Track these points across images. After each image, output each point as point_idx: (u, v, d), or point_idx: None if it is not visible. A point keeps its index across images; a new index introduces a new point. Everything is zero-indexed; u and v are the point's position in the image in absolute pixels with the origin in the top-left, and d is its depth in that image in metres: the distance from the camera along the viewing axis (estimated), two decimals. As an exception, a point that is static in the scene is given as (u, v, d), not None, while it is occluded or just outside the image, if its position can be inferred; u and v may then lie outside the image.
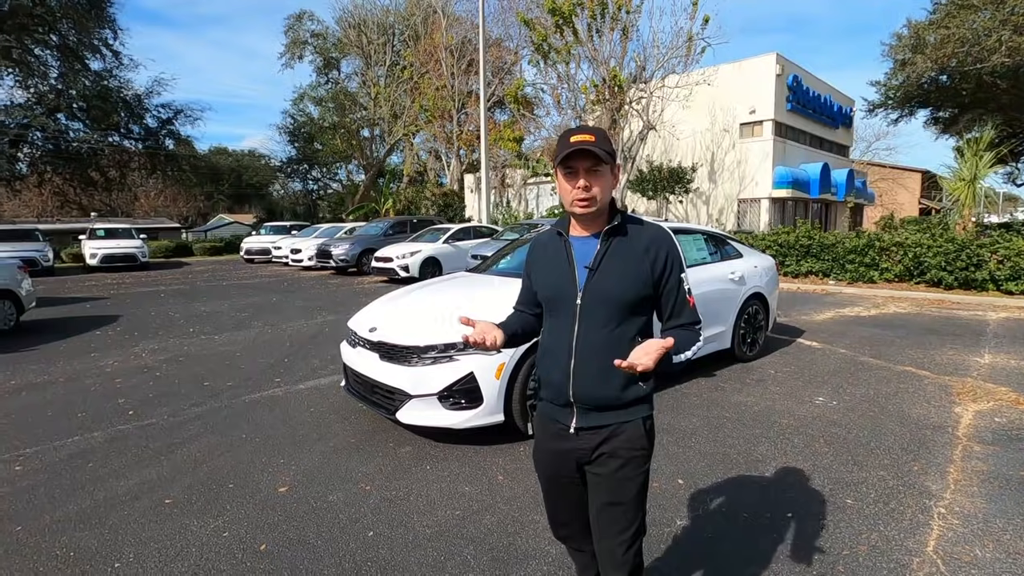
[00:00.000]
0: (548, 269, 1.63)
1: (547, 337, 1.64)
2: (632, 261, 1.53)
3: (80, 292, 12.80)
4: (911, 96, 26.58)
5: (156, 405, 4.61)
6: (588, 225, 1.59)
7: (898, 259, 10.95)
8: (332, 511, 2.87)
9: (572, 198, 1.52)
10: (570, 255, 1.57)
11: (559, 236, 1.63)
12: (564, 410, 1.57)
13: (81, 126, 26.42)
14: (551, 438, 1.62)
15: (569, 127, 19.70)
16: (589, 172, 1.49)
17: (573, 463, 1.60)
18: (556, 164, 1.52)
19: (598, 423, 1.54)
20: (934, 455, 3.46)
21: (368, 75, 30.80)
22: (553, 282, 1.59)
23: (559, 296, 1.57)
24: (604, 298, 1.51)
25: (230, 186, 47.96)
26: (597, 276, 1.52)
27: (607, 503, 1.55)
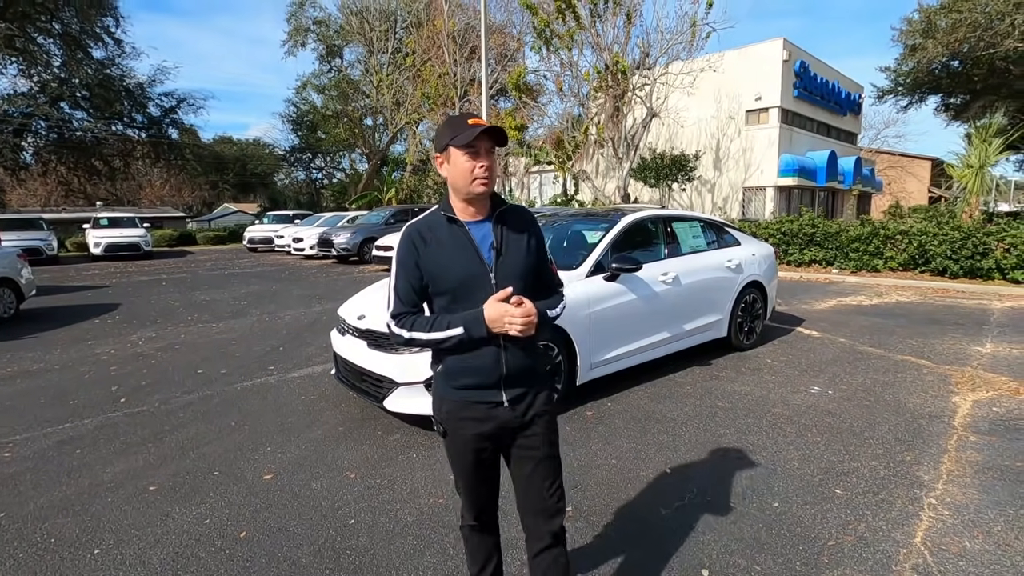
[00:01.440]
0: (447, 256, 1.62)
1: None
2: (524, 239, 1.68)
3: (82, 281, 12.86)
4: (921, 82, 26.16)
5: (148, 393, 4.61)
6: (479, 208, 1.65)
7: (902, 248, 10.80)
8: (315, 499, 2.85)
9: (474, 177, 1.57)
10: (471, 239, 1.62)
11: (450, 222, 1.64)
12: (492, 389, 1.64)
13: (84, 115, 26.41)
14: (476, 423, 1.66)
15: (572, 114, 19.30)
16: (488, 153, 1.58)
17: (498, 438, 1.69)
18: (457, 145, 1.55)
19: (524, 389, 1.68)
20: (928, 445, 3.40)
21: (371, 63, 30.55)
22: (462, 266, 1.61)
23: (471, 280, 1.60)
24: (515, 274, 1.62)
25: (235, 175, 47.94)
26: (504, 256, 1.63)
27: (543, 457, 1.71)
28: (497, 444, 1.71)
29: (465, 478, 1.76)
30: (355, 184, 34.23)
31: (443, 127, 1.61)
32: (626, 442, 3.49)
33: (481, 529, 1.85)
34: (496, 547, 1.89)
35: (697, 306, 5.00)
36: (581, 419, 3.88)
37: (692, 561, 2.31)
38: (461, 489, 1.80)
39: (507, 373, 1.63)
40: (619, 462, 3.23)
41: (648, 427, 3.73)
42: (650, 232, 4.95)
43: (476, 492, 1.78)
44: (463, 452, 1.71)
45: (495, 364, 1.61)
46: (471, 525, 1.84)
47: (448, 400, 1.69)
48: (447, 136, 1.57)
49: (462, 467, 1.74)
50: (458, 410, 1.68)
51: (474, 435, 1.67)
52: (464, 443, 1.69)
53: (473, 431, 1.67)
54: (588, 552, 2.38)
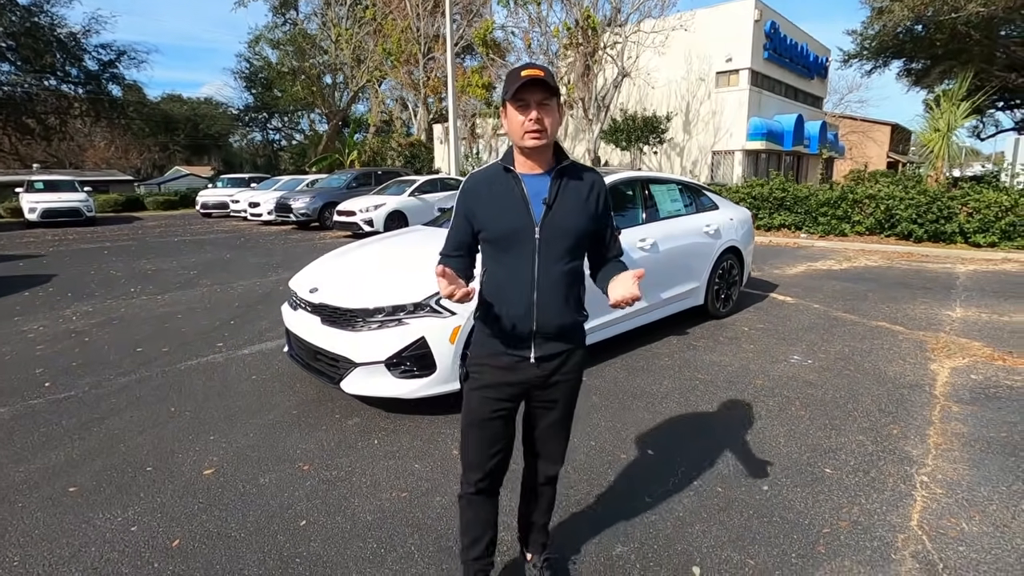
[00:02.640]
0: (498, 205, 1.61)
1: (499, 275, 1.64)
2: (582, 198, 1.63)
3: (15, 249, 11.88)
4: (886, 46, 26.28)
5: (78, 375, 4.16)
6: (538, 160, 1.61)
7: (870, 212, 10.86)
8: (262, 496, 2.54)
9: (525, 130, 1.53)
10: (523, 190, 1.59)
11: (506, 172, 1.63)
12: (522, 343, 1.63)
13: (11, 68, 24.18)
14: (500, 372, 1.65)
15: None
16: (541, 105, 1.51)
17: (519, 393, 1.69)
18: (508, 98, 1.53)
19: (555, 351, 1.65)
20: (912, 416, 3.30)
21: (328, 15, 28.81)
22: (508, 217, 1.59)
23: (515, 231, 1.58)
24: (563, 232, 1.58)
25: (186, 136, 45.34)
26: (555, 211, 1.58)
27: (559, 418, 1.76)
28: (516, 400, 1.71)
29: (475, 432, 1.71)
30: (315, 146, 32.79)
31: (505, 79, 1.58)
32: (604, 420, 3.28)
33: (481, 496, 1.77)
34: (492, 522, 1.83)
35: (675, 273, 4.79)
36: (556, 396, 3.64)
37: (682, 557, 2.11)
38: (468, 447, 1.74)
39: (537, 329, 1.61)
40: (597, 443, 3.01)
41: (626, 403, 3.53)
42: (627, 196, 4.66)
43: (483, 447, 1.71)
44: (480, 401, 1.68)
45: (526, 317, 1.60)
46: (471, 493, 1.77)
47: (478, 345, 1.71)
48: (504, 90, 1.55)
49: (474, 417, 1.70)
50: (485, 357, 1.68)
51: (494, 384, 1.66)
52: (483, 391, 1.68)
53: (494, 380, 1.66)
54: (568, 550, 2.15)
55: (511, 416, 1.72)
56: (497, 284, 1.63)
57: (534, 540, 1.98)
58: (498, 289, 1.63)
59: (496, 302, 1.63)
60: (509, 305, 1.61)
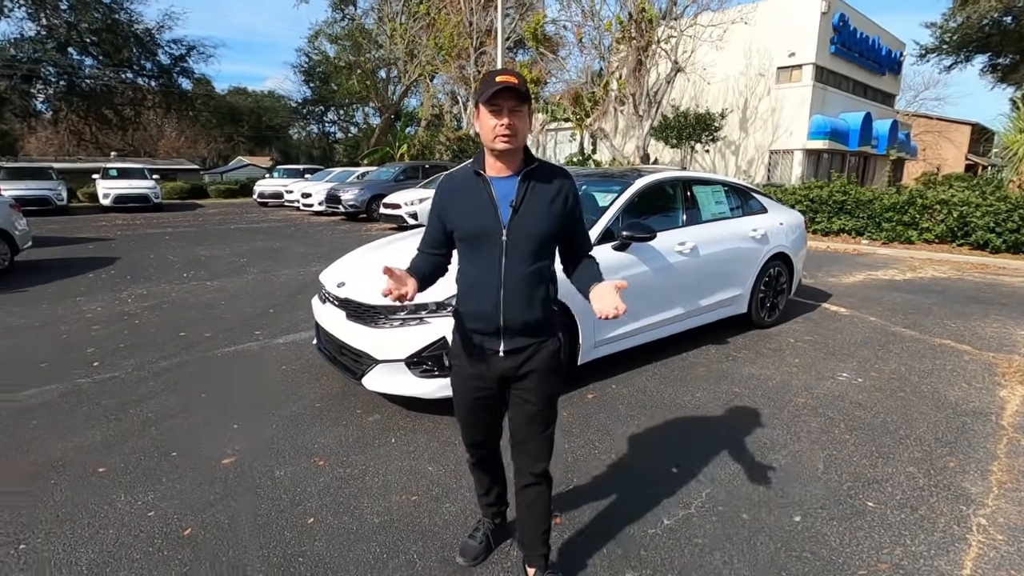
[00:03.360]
0: (468, 207, 1.69)
1: (471, 273, 1.73)
2: (548, 200, 1.68)
3: (88, 232, 12.69)
4: (969, 40, 24.45)
5: (124, 356, 4.35)
6: (507, 164, 1.67)
7: (941, 218, 10.08)
8: (275, 490, 2.55)
9: (496, 134, 1.58)
10: (491, 193, 1.66)
11: (476, 176, 1.69)
12: (492, 337, 1.72)
13: (93, 62, 25.83)
14: (476, 363, 1.76)
15: (592, 68, 18.48)
16: (512, 111, 1.57)
17: (496, 381, 1.77)
18: (482, 101, 1.58)
19: (523, 344, 1.73)
20: (974, 448, 2.99)
21: (385, 10, 29.31)
22: (476, 219, 1.67)
23: (483, 232, 1.66)
24: (528, 234, 1.65)
25: (250, 128, 47.23)
26: (521, 213, 1.65)
27: (535, 411, 1.78)
28: (494, 388, 1.79)
29: (460, 413, 1.89)
30: (367, 139, 33.50)
31: (480, 82, 1.66)
32: (627, 432, 3.13)
33: (478, 465, 2.00)
34: (497, 478, 2.07)
35: (716, 279, 4.55)
36: (581, 402, 3.53)
37: (697, 589, 1.97)
38: (460, 426, 1.93)
39: (504, 325, 1.69)
40: (617, 456, 2.88)
41: (654, 415, 3.37)
42: (667, 196, 4.46)
43: (471, 428, 1.90)
44: (462, 389, 1.84)
45: (494, 314, 1.68)
46: (472, 461, 2.00)
47: (456, 336, 1.83)
48: (478, 93, 1.60)
49: (459, 402, 1.87)
50: (461, 348, 1.81)
51: (471, 374, 1.79)
52: (463, 380, 1.82)
53: (471, 371, 1.78)
54: (575, 569, 2.05)
55: (493, 402, 1.83)
56: (468, 281, 1.74)
57: (533, 553, 1.91)
58: (470, 286, 1.74)
59: (468, 297, 1.75)
60: (479, 301, 1.71)
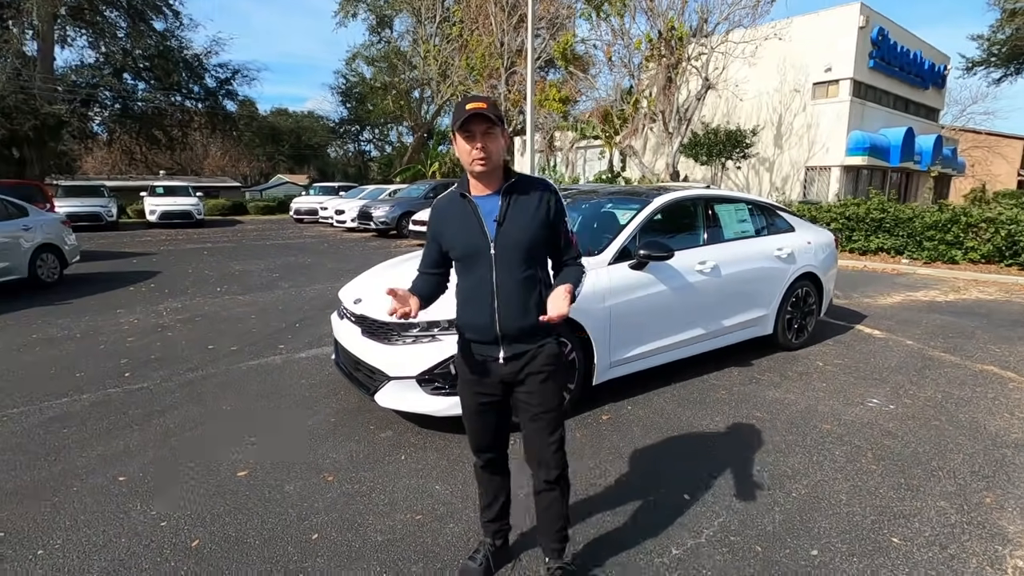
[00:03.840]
0: (458, 228, 1.81)
1: (466, 287, 1.84)
2: (530, 211, 1.78)
3: (133, 247, 13.28)
4: (1020, 51, 23.56)
5: (154, 367, 4.51)
6: (487, 183, 1.79)
7: (987, 237, 9.63)
8: (284, 504, 2.58)
9: (472, 158, 1.70)
10: (477, 212, 1.78)
11: (462, 197, 1.81)
12: (491, 345, 1.82)
13: (145, 86, 27.30)
14: (478, 370, 1.86)
15: (622, 86, 18.44)
16: (484, 135, 1.68)
17: (499, 387, 1.87)
18: (455, 129, 1.69)
19: (521, 350, 1.82)
20: (1014, 483, 2.81)
21: (419, 33, 30.13)
22: (466, 238, 1.79)
23: (474, 250, 1.78)
24: (514, 244, 1.76)
25: (290, 147, 48.93)
26: (505, 227, 1.76)
27: (538, 413, 1.85)
28: (499, 394, 1.88)
29: (467, 419, 1.97)
30: (401, 157, 34.25)
31: (453, 112, 1.73)
32: (641, 456, 3.06)
33: (486, 468, 2.03)
34: (503, 488, 2.07)
35: (739, 299, 4.44)
36: (595, 423, 3.47)
37: (701, 625, 1.89)
38: (468, 431, 1.98)
39: (502, 333, 1.79)
40: (629, 481, 2.81)
41: (670, 439, 3.28)
42: (688, 214, 4.39)
43: (477, 433, 1.97)
44: (467, 395, 1.92)
45: (491, 324, 1.79)
46: (479, 465, 2.03)
47: (459, 346, 1.93)
48: (452, 121, 1.71)
49: (464, 407, 1.95)
50: (463, 357, 1.90)
51: (474, 381, 1.88)
52: (467, 387, 1.91)
53: (473, 377, 1.88)
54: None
55: (498, 407, 1.91)
56: (465, 295, 1.85)
57: (548, 545, 2.03)
58: (467, 299, 1.84)
59: (466, 310, 1.85)
60: (476, 313, 1.81)
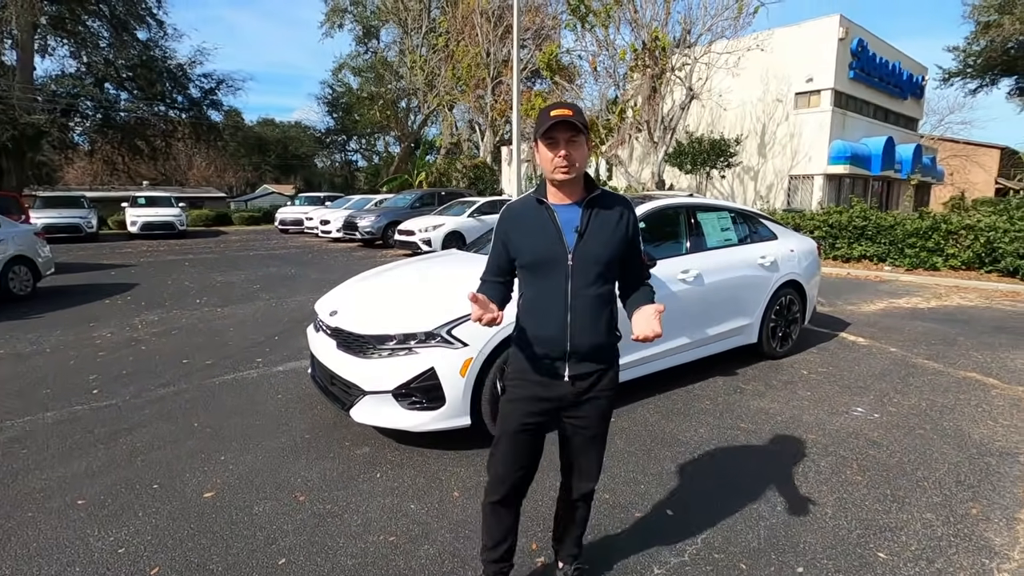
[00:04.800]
0: (533, 234, 1.74)
1: (534, 296, 1.76)
2: (611, 226, 1.73)
3: (113, 259, 13.03)
4: (994, 63, 24.12)
5: (124, 384, 4.36)
6: (568, 193, 1.73)
7: (967, 244, 9.75)
8: (251, 527, 2.47)
9: (554, 166, 1.65)
10: (555, 220, 1.71)
11: (539, 204, 1.75)
12: (558, 361, 1.73)
13: (128, 96, 27.02)
14: (535, 386, 1.76)
15: (607, 96, 18.55)
16: (569, 142, 1.64)
17: (552, 409, 1.77)
18: (538, 136, 1.65)
19: (589, 370, 1.75)
20: (999, 494, 2.77)
21: (405, 43, 30.21)
22: (542, 244, 1.71)
23: (549, 258, 1.71)
24: (593, 259, 1.69)
25: (277, 157, 48.66)
26: (586, 239, 1.70)
27: (592, 435, 1.82)
28: (548, 416, 1.78)
29: (505, 443, 1.81)
30: (388, 166, 34.19)
31: (536, 118, 1.70)
32: (624, 470, 2.98)
33: (500, 504, 1.86)
34: (513, 528, 1.92)
35: (723, 308, 4.41)
36: (578, 437, 3.39)
37: (683, 650, 1.81)
38: (496, 458, 1.83)
39: (571, 349, 1.71)
40: (612, 496, 2.73)
41: (653, 452, 3.21)
42: (671, 223, 4.36)
43: (510, 460, 1.81)
44: (512, 414, 1.78)
45: (561, 338, 1.70)
46: (494, 502, 1.86)
47: (516, 361, 1.82)
48: (536, 128, 1.66)
49: (505, 429, 1.80)
50: (521, 373, 1.79)
51: (527, 398, 1.77)
52: (517, 405, 1.78)
53: (528, 394, 1.77)
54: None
55: (540, 432, 1.80)
56: (533, 307, 1.76)
57: (566, 551, 2.05)
58: (534, 311, 1.76)
59: (532, 323, 1.76)
60: (545, 327, 1.72)
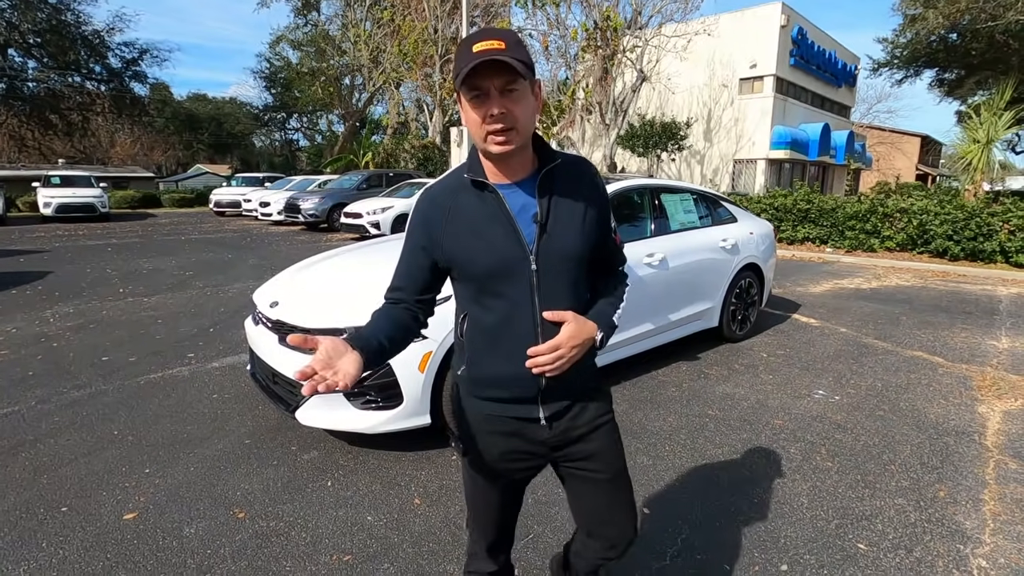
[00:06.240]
0: (475, 232, 1.18)
1: (488, 321, 1.23)
2: (583, 207, 1.22)
3: (22, 244, 11.81)
4: (918, 55, 25.43)
5: (30, 387, 3.84)
6: (514, 166, 1.17)
7: (901, 226, 10.23)
8: (181, 553, 2.15)
9: (484, 131, 1.09)
10: (506, 209, 1.17)
11: (477, 187, 1.18)
12: (528, 405, 1.26)
13: (35, 64, 24.55)
14: (504, 438, 1.30)
15: (558, 77, 18.40)
16: (504, 93, 1.07)
17: (536, 455, 1.33)
18: (458, 86, 1.07)
19: (566, 405, 1.29)
20: (962, 474, 2.80)
21: (348, 16, 28.81)
22: (492, 249, 1.17)
23: (504, 266, 1.17)
24: (564, 257, 1.20)
25: (210, 135, 45.82)
26: (551, 231, 1.18)
27: (609, 479, 1.34)
28: (537, 461, 1.35)
29: (483, 504, 1.43)
30: (331, 146, 32.80)
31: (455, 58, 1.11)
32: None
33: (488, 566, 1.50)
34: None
35: (686, 292, 4.32)
36: (544, 431, 3.21)
37: (675, 670, 1.67)
38: (474, 521, 1.48)
39: (546, 386, 1.24)
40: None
41: (626, 444, 3.06)
42: (634, 205, 4.22)
43: (496, 518, 1.44)
44: (486, 473, 1.36)
45: (531, 376, 1.20)
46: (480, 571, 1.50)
47: (471, 412, 1.33)
48: (454, 73, 1.08)
49: (479, 492, 1.41)
50: (482, 424, 1.32)
51: (501, 453, 1.32)
52: (488, 463, 1.34)
53: (500, 449, 1.31)
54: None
55: (518, 489, 1.44)
56: (486, 336, 1.24)
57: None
58: (488, 342, 1.24)
59: (487, 358, 1.25)
60: (507, 362, 1.22)
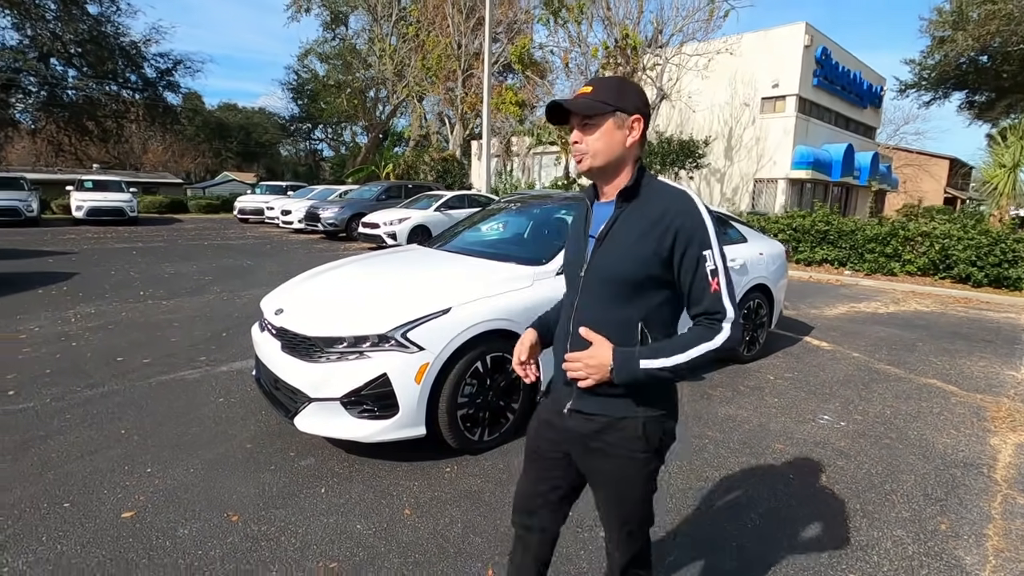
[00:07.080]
0: (571, 237, 1.50)
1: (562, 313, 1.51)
2: (638, 232, 1.31)
3: (54, 246, 12.21)
4: (947, 77, 25.04)
5: (46, 384, 3.96)
6: (604, 186, 1.42)
7: (923, 250, 10.02)
8: (172, 553, 2.19)
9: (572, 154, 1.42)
10: (586, 222, 1.43)
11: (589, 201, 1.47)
12: (565, 388, 1.41)
13: (75, 73, 25.53)
14: (549, 413, 1.49)
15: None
16: (582, 126, 1.35)
17: (561, 445, 1.46)
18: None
19: (591, 410, 1.37)
20: (966, 507, 2.72)
21: (375, 31, 29.48)
22: (570, 252, 1.48)
23: (570, 269, 1.46)
24: (604, 274, 1.34)
25: (238, 143, 46.99)
26: (601, 248, 1.35)
27: (609, 497, 1.45)
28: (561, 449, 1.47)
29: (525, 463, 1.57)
30: (354, 157, 33.40)
31: None
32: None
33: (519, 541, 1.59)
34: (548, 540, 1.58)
35: (692, 312, 4.29)
36: (541, 447, 3.21)
37: None
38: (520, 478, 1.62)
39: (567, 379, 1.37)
40: (575, 514, 2.54)
41: (620, 463, 3.05)
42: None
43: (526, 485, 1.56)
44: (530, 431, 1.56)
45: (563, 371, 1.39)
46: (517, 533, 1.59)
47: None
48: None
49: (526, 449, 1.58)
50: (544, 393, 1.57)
51: (543, 422, 1.51)
52: (534, 423, 1.56)
53: (543, 418, 1.52)
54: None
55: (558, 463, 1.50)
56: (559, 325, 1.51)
57: None
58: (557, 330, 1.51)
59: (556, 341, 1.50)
60: (557, 345, 1.47)
